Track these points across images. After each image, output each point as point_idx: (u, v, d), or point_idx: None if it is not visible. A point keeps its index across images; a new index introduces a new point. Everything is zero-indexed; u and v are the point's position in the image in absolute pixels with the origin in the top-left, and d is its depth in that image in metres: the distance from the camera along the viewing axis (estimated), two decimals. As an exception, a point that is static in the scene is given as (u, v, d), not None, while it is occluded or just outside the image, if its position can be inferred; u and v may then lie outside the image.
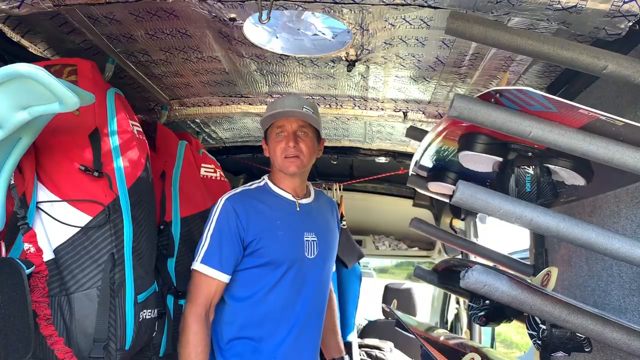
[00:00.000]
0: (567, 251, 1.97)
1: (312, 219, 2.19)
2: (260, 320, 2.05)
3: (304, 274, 2.09)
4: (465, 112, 1.25)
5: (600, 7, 1.35)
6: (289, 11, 1.78)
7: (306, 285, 2.10)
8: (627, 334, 1.23)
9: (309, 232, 2.13)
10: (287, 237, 2.08)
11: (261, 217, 2.06)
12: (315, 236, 2.14)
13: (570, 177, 1.54)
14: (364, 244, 5.46)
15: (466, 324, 4.26)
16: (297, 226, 2.12)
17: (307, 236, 2.12)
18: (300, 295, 2.08)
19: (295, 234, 2.10)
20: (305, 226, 2.13)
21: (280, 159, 2.08)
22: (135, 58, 2.12)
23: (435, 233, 2.70)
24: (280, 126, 2.09)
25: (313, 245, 2.12)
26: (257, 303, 2.04)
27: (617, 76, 1.34)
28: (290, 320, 2.06)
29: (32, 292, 1.57)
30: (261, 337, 2.04)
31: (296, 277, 2.07)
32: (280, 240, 2.05)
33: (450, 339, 2.75)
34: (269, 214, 2.08)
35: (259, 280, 2.04)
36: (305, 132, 2.10)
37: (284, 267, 2.04)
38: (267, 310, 2.04)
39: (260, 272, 2.04)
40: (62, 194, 1.71)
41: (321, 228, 2.20)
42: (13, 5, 1.51)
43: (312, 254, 2.12)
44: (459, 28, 1.42)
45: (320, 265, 2.16)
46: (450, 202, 1.46)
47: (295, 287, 2.07)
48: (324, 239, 2.19)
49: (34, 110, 1.40)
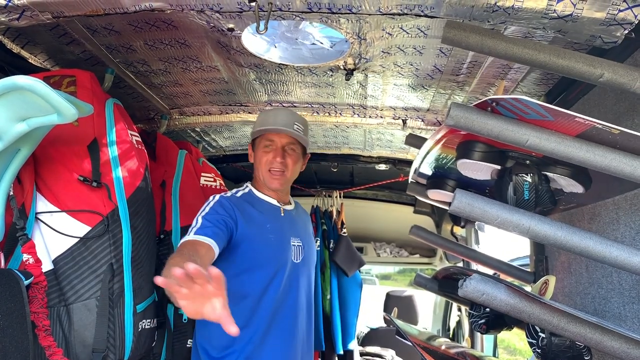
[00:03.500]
0: (567, 259, 1.97)
1: (295, 225, 2.25)
2: (252, 325, 2.02)
3: (291, 278, 2.11)
4: (462, 120, 1.26)
5: (596, 15, 1.35)
6: (287, 21, 1.79)
7: (293, 290, 2.12)
8: (626, 343, 1.23)
9: (295, 237, 2.18)
10: (277, 240, 2.11)
11: (251, 220, 2.06)
12: (301, 241, 2.20)
13: (568, 185, 1.54)
14: (366, 251, 5.45)
15: (468, 332, 4.24)
16: (284, 231, 2.16)
17: (294, 241, 2.17)
18: (288, 300, 2.10)
19: (283, 238, 2.14)
20: (290, 231, 2.18)
21: (265, 170, 2.14)
22: (134, 68, 2.13)
23: (435, 240, 2.69)
24: (269, 139, 2.15)
25: (299, 250, 2.17)
26: (251, 311, 2.02)
27: (614, 84, 1.34)
28: (280, 324, 2.07)
29: (31, 303, 1.57)
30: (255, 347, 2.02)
31: (285, 281, 2.09)
32: (271, 243, 2.08)
33: (452, 347, 2.73)
34: (258, 218, 2.10)
35: (250, 283, 2.03)
36: (293, 148, 2.17)
37: (273, 269, 2.06)
38: (259, 315, 2.03)
39: (251, 275, 2.04)
40: (61, 204, 1.71)
41: (303, 234, 2.27)
42: (13, 17, 1.52)
43: (298, 259, 2.17)
44: (455, 37, 1.43)
45: (305, 270, 2.21)
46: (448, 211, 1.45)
47: (284, 291, 2.08)
48: (307, 245, 2.25)
49: (33, 121, 1.41)
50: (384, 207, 4.75)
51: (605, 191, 1.60)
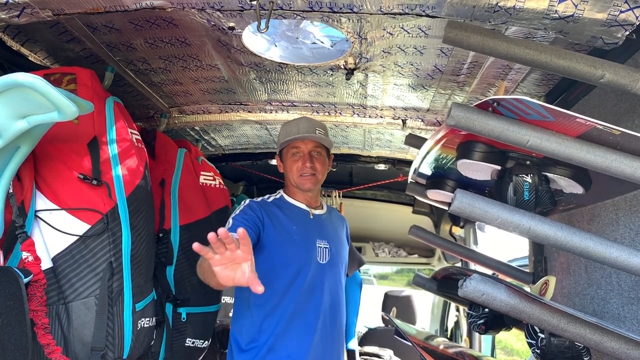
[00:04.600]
0: (566, 259, 1.97)
1: (324, 228, 2.32)
2: (277, 323, 2.11)
3: (316, 278, 2.18)
4: (463, 121, 1.26)
5: (597, 16, 1.36)
6: (288, 20, 1.79)
7: (318, 290, 2.19)
8: (626, 343, 1.23)
9: (322, 239, 2.26)
10: (302, 241, 2.20)
11: (278, 223, 2.18)
12: (328, 244, 2.28)
13: (568, 186, 1.54)
14: (364, 251, 5.45)
15: (466, 332, 4.24)
16: (311, 233, 2.25)
17: (320, 243, 2.25)
18: (312, 299, 2.17)
19: (309, 240, 2.22)
20: (318, 233, 2.26)
21: (297, 176, 2.26)
22: (134, 66, 2.12)
23: (434, 241, 2.70)
24: (296, 147, 2.26)
25: (325, 252, 2.25)
26: (274, 307, 2.12)
27: (614, 85, 1.34)
28: (303, 321, 2.14)
29: (30, 301, 1.56)
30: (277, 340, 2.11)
31: (309, 281, 2.16)
32: (296, 244, 2.18)
33: (450, 347, 2.74)
34: (285, 221, 2.21)
35: (275, 282, 2.11)
36: (319, 151, 2.28)
37: (296, 268, 2.15)
38: (284, 310, 2.12)
39: (276, 273, 2.12)
40: (60, 202, 1.71)
41: (332, 237, 2.34)
42: (13, 14, 1.51)
43: (324, 260, 2.24)
44: (456, 37, 1.43)
45: (332, 271, 2.27)
46: (448, 211, 1.46)
47: (308, 290, 2.16)
48: (335, 247, 2.32)
49: (33, 119, 1.40)
50: (382, 207, 4.76)
51: (604, 192, 1.60)
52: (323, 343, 2.20)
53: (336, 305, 2.30)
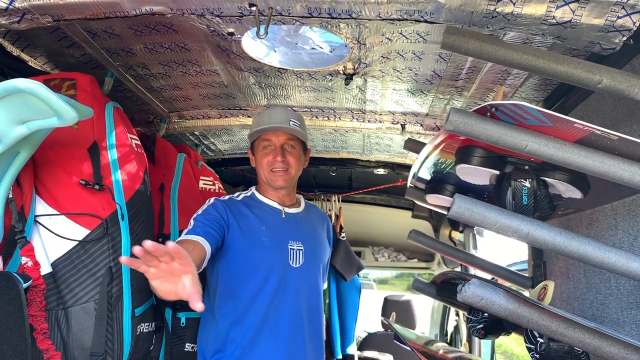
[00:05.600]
0: (565, 264, 1.97)
1: (299, 228, 2.16)
2: (241, 328, 1.99)
3: (287, 283, 2.04)
4: (462, 126, 1.26)
5: (594, 22, 1.36)
6: (287, 26, 1.80)
7: (290, 296, 2.04)
8: (625, 348, 1.23)
9: (295, 240, 2.10)
10: (271, 243, 2.05)
11: (246, 223, 2.04)
12: (302, 245, 2.11)
13: (567, 190, 1.54)
14: (363, 256, 5.44)
15: (465, 336, 4.24)
16: (283, 233, 2.09)
17: (293, 244, 2.08)
18: (284, 307, 2.02)
19: (280, 241, 2.07)
20: (291, 234, 2.10)
21: (267, 172, 2.11)
22: (134, 71, 2.13)
23: (433, 245, 2.69)
24: (267, 139, 2.11)
25: (299, 254, 2.09)
26: (240, 316, 1.99)
27: (612, 90, 1.35)
28: (273, 330, 2.00)
29: (29, 306, 1.56)
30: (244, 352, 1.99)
31: (280, 287, 2.02)
32: (264, 246, 2.03)
33: (449, 352, 2.73)
34: (254, 220, 2.07)
35: (241, 289, 1.99)
36: (293, 145, 2.12)
37: (265, 273, 2.00)
38: (250, 319, 1.99)
39: (242, 279, 2.00)
40: (60, 207, 1.71)
41: (308, 237, 2.17)
42: (13, 20, 1.52)
43: (297, 263, 2.08)
44: (454, 43, 1.43)
45: (307, 275, 2.11)
46: (447, 215, 1.46)
47: (279, 297, 2.02)
48: (310, 249, 2.14)
49: (33, 124, 1.41)
50: (382, 212, 4.75)
51: (603, 197, 1.60)
52: (298, 355, 2.05)
53: (313, 313, 2.13)
